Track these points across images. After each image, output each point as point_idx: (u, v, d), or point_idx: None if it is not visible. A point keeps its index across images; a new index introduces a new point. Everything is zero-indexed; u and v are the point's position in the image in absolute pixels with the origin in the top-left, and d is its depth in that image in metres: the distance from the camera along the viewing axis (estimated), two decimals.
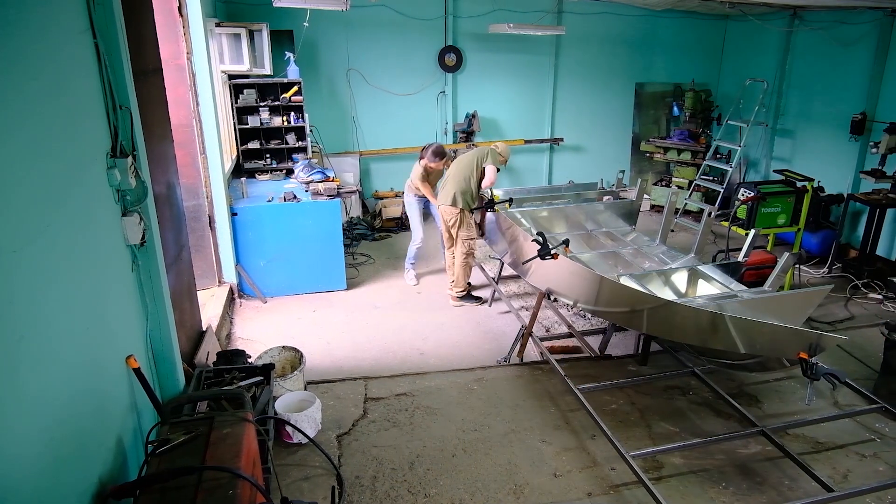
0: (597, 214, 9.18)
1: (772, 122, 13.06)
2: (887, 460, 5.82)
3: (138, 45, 4.72)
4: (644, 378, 6.93)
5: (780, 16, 12.47)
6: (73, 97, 3.48)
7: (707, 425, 6.30)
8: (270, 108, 10.74)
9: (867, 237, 10.10)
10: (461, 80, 13.46)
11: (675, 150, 13.89)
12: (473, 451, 5.86)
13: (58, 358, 3.05)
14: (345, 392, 6.77)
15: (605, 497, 5.30)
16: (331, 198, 9.03)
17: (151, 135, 4.94)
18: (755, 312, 5.90)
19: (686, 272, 7.29)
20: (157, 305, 4.66)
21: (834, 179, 11.06)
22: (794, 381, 7.02)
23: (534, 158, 14.52)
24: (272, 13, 10.57)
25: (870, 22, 10.68)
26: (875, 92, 10.71)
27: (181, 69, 7.34)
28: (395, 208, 12.52)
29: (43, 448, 2.80)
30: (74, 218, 3.36)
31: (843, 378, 5.08)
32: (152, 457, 3.51)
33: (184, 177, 7.09)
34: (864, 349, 7.66)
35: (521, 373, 7.25)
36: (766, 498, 5.30)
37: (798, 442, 6.04)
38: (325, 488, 5.23)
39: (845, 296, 9.42)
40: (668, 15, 13.81)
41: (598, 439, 5.96)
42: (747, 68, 13.63)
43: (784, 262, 6.64)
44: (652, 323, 6.15)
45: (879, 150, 9.54)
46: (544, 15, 12.80)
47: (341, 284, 9.45)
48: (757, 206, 8.95)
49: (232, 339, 7.87)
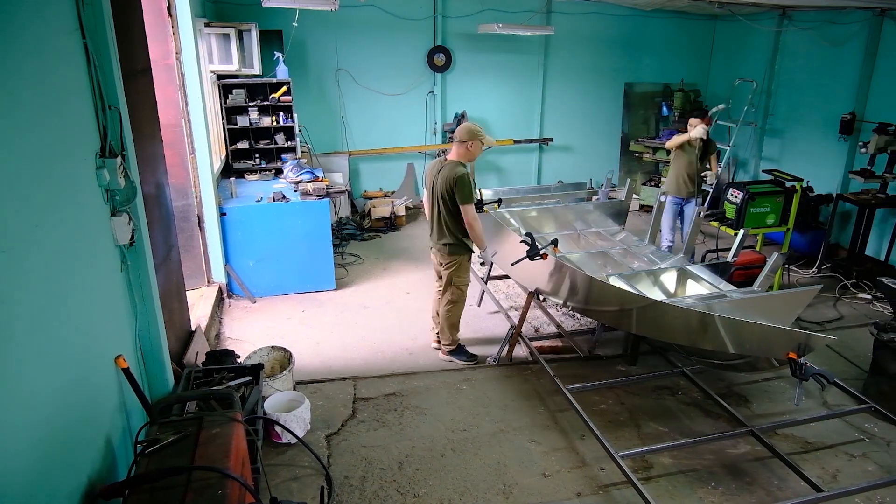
0: (586, 214, 9.19)
1: (761, 122, 13.11)
2: (876, 460, 5.84)
3: (127, 45, 4.71)
4: (633, 378, 6.94)
5: (770, 16, 12.53)
6: (62, 97, 3.47)
7: (696, 425, 6.32)
8: (259, 108, 10.73)
9: (856, 237, 10.16)
10: (450, 79, 13.47)
11: (664, 150, 13.89)
12: (462, 451, 5.86)
13: (47, 358, 3.04)
14: (334, 392, 6.77)
15: (595, 497, 5.30)
16: (320, 198, 9.02)
17: (140, 135, 4.92)
18: (744, 312, 5.92)
19: (675, 272, 7.31)
20: (147, 305, 4.65)
21: (823, 179, 11.12)
22: (784, 381, 7.04)
23: (523, 158, 14.55)
24: (261, 13, 10.55)
25: (859, 22, 10.73)
26: (864, 92, 10.76)
27: (170, 69, 7.31)
28: (384, 208, 12.49)
29: (32, 448, 2.80)
30: (63, 218, 3.35)
31: (832, 378, 5.10)
32: (141, 457, 3.50)
33: (173, 177, 7.06)
34: (853, 349, 7.68)
35: (510, 373, 7.25)
36: (756, 498, 5.31)
37: (787, 442, 6.06)
38: (314, 488, 5.22)
39: (834, 296, 9.46)
40: (657, 15, 13.87)
41: (587, 439, 5.96)
42: (736, 68, 13.70)
43: (773, 262, 6.66)
44: (641, 323, 6.17)
45: (868, 150, 9.56)
46: (533, 15, 12.82)
47: (330, 284, 9.44)
48: (746, 206, 8.96)
49: (221, 339, 7.84)
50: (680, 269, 7.33)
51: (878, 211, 10.01)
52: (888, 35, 10.34)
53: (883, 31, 10.41)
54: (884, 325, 6.62)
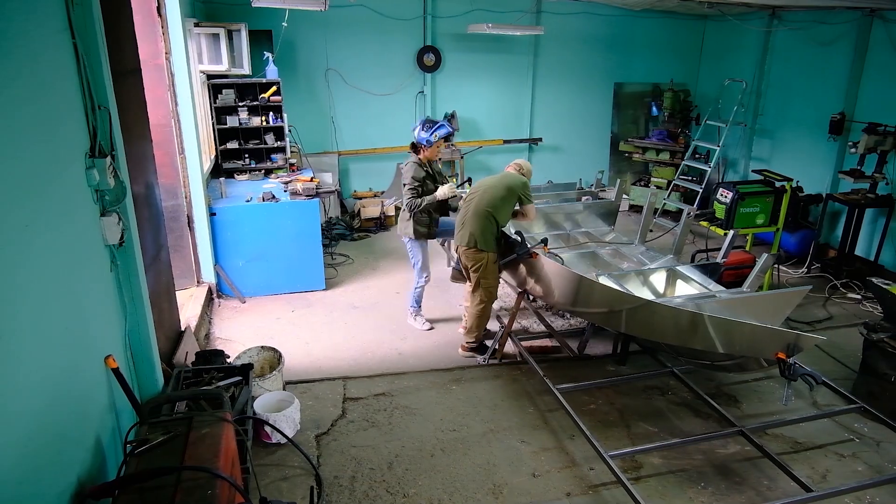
0: (575, 214, 9.21)
1: (751, 122, 13.14)
2: (866, 460, 5.86)
3: (117, 44, 4.70)
4: (623, 378, 6.95)
5: (759, 16, 12.55)
6: (52, 97, 3.46)
7: (686, 425, 6.33)
8: (249, 109, 10.70)
9: (846, 237, 10.19)
10: (440, 79, 13.47)
11: (653, 150, 13.95)
12: (452, 451, 5.86)
13: (36, 358, 3.03)
14: (323, 392, 6.76)
15: (584, 497, 5.31)
16: (309, 198, 9.02)
17: (130, 135, 4.91)
18: (734, 313, 5.93)
19: (664, 272, 7.33)
20: (136, 305, 4.64)
21: (813, 179, 11.16)
22: (773, 381, 7.05)
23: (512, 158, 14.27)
24: (251, 13, 10.52)
25: (848, 22, 10.75)
26: (854, 92, 10.79)
27: (160, 69, 7.30)
28: (374, 208, 12.48)
29: (21, 447, 2.79)
30: (53, 218, 3.34)
31: (820, 379, 5.12)
32: (131, 457, 3.49)
33: (162, 177, 7.04)
34: (842, 349, 7.70)
35: (499, 373, 7.25)
36: (745, 498, 5.32)
37: (777, 442, 6.07)
38: (303, 488, 5.22)
39: (824, 296, 9.49)
40: (646, 15, 13.88)
41: (576, 439, 5.97)
42: (726, 68, 13.71)
43: (763, 263, 6.68)
44: (631, 323, 6.17)
45: (858, 150, 9.58)
46: (523, 15, 12.81)
47: (320, 284, 9.43)
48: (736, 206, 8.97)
49: (211, 339, 7.83)
50: (669, 270, 7.35)
51: (867, 211, 10.03)
52: (877, 35, 10.37)
53: (872, 32, 10.44)
54: (873, 325, 6.63)
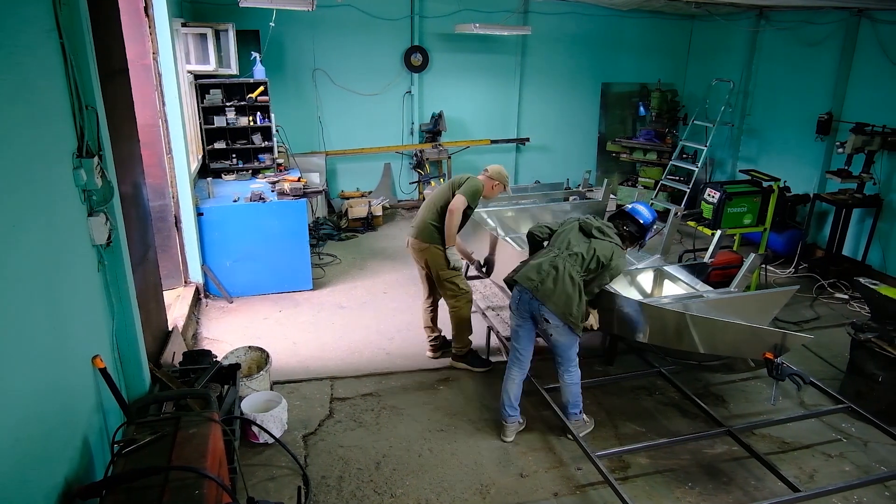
0: (563, 214, 9.19)
1: (738, 122, 13.19)
2: (853, 460, 5.88)
3: (104, 44, 4.67)
4: (610, 378, 6.97)
5: (747, 16, 12.60)
6: (39, 97, 3.44)
7: (673, 425, 6.35)
8: (237, 109, 10.66)
9: (833, 237, 10.22)
10: (427, 79, 13.48)
11: (641, 150, 13.99)
12: (440, 450, 5.86)
13: (23, 358, 3.01)
14: (311, 392, 6.75)
15: (572, 497, 5.32)
16: (297, 198, 9.00)
17: (117, 135, 4.89)
18: (721, 313, 5.94)
19: (652, 272, 7.34)
20: (124, 306, 4.62)
21: (800, 179, 11.21)
22: (761, 381, 7.08)
23: (500, 158, 14.48)
24: (238, 13, 10.52)
25: (835, 22, 10.80)
26: (841, 92, 10.83)
27: (147, 69, 7.27)
28: (361, 208, 12.46)
29: (8, 448, 2.77)
30: (40, 218, 3.32)
31: (808, 379, 5.15)
32: (118, 457, 3.49)
33: (150, 177, 7.02)
34: (830, 349, 7.74)
35: (486, 373, 7.25)
36: (733, 498, 5.34)
37: (764, 442, 6.10)
38: (291, 488, 5.21)
39: (811, 296, 9.53)
40: (634, 15, 13.92)
41: (564, 439, 5.99)
42: (714, 68, 13.74)
43: (750, 263, 6.70)
44: (618, 323, 6.18)
45: (845, 150, 9.58)
46: (510, 15, 12.84)
47: (307, 284, 9.42)
48: (723, 206, 8.99)
49: (198, 339, 7.81)
50: (657, 270, 7.36)
51: (854, 211, 10.07)
52: (865, 35, 10.41)
53: (860, 32, 10.48)
54: (861, 325, 6.65)
